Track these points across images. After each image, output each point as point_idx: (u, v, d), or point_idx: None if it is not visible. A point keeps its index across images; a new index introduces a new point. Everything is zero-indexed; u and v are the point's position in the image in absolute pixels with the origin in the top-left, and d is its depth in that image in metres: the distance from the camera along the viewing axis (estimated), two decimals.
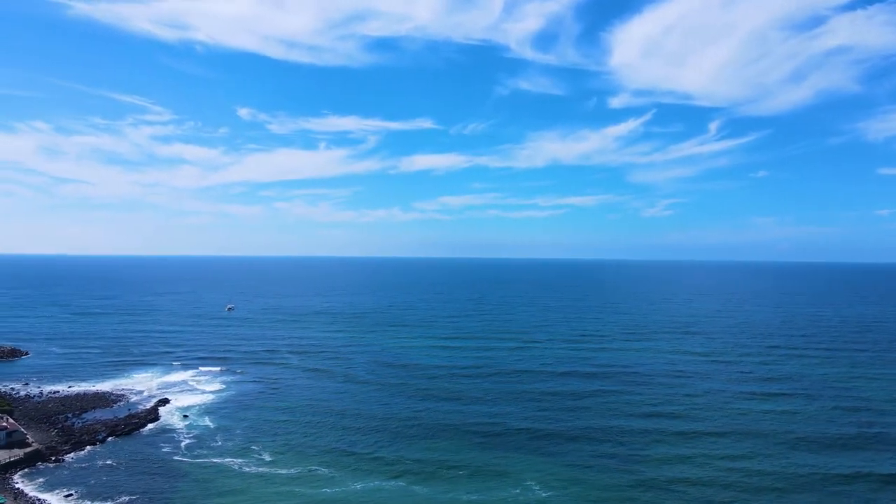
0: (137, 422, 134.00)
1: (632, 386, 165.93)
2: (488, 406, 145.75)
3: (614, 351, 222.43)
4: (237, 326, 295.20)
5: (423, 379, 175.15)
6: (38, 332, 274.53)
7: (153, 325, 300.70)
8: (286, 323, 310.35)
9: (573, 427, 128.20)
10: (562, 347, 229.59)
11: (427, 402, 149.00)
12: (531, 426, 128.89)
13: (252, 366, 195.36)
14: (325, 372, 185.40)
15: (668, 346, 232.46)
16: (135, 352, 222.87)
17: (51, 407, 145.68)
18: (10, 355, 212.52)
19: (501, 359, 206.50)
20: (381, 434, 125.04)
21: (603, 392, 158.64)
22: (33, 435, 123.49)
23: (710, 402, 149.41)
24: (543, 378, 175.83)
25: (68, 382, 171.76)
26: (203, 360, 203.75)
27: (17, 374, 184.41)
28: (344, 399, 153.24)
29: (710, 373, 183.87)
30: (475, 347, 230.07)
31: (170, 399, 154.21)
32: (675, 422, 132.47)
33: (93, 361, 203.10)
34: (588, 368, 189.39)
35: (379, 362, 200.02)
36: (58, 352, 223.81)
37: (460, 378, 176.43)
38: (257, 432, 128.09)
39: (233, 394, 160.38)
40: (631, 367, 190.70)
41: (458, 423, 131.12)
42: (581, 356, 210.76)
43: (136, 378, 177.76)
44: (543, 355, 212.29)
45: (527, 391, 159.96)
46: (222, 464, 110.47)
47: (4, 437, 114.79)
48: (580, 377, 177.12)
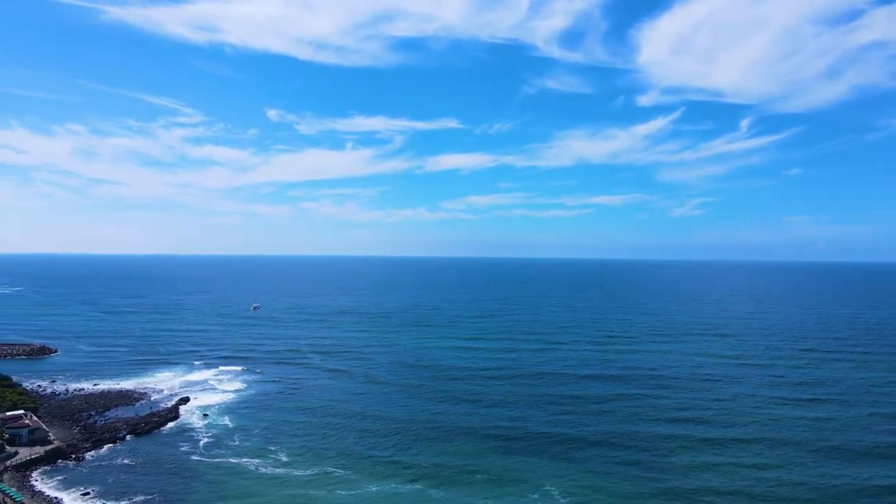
0: (158, 420, 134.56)
1: (658, 389, 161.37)
2: (509, 409, 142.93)
3: (640, 353, 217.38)
4: (261, 326, 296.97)
5: (444, 380, 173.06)
6: (69, 330, 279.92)
7: (179, 323, 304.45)
8: (310, 322, 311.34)
9: (596, 432, 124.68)
10: (586, 349, 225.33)
11: (447, 405, 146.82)
12: (552, 430, 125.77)
13: (274, 365, 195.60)
14: (346, 372, 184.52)
15: (697, 349, 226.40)
16: (160, 350, 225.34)
17: (75, 404, 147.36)
18: (39, 353, 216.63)
19: (524, 360, 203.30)
20: (400, 437, 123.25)
21: (627, 396, 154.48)
22: (56, 432, 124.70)
23: (739, 407, 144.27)
24: (566, 380, 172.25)
25: (93, 380, 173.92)
26: (225, 360, 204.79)
27: (46, 371, 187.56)
28: (363, 400, 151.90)
29: (740, 376, 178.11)
30: (498, 349, 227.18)
31: (191, 398, 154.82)
32: (702, 428, 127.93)
33: (119, 359, 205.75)
34: (612, 371, 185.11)
35: (401, 363, 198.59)
36: (86, 350, 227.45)
37: (481, 380, 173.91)
38: (275, 432, 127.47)
39: (253, 393, 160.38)
40: (657, 370, 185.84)
41: (477, 427, 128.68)
42: (606, 358, 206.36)
43: (160, 376, 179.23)
44: (567, 357, 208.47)
45: (549, 394, 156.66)
46: (239, 464, 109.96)
47: (26, 434, 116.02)
48: (604, 380, 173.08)
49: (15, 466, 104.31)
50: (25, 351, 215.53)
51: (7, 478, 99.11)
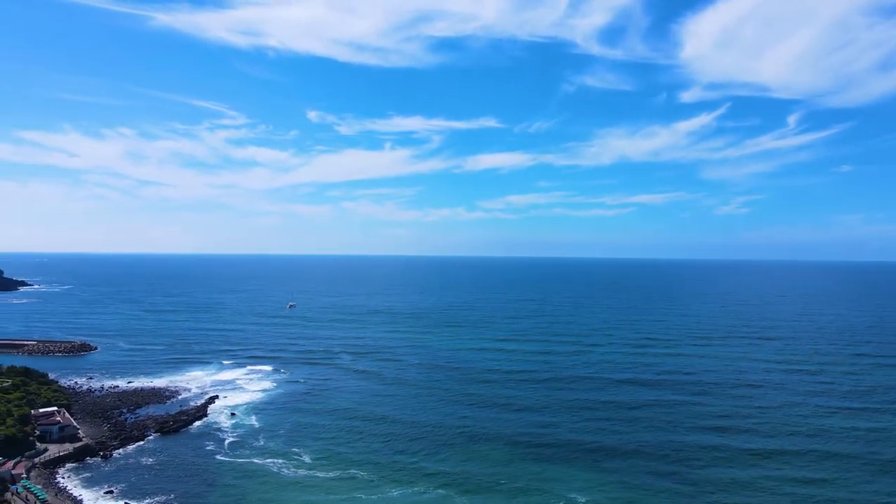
0: (186, 419, 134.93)
1: (697, 396, 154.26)
2: (539, 414, 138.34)
3: (679, 357, 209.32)
4: (295, 325, 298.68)
5: (474, 383, 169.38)
6: (110, 328, 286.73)
7: (216, 322, 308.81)
8: (344, 322, 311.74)
9: (629, 440, 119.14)
10: (623, 352, 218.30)
11: (475, 409, 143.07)
12: (583, 438, 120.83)
13: (304, 365, 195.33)
14: (376, 374, 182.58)
15: (740, 353, 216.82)
16: (195, 349, 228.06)
17: (108, 402, 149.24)
18: (80, 350, 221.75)
19: (558, 363, 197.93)
20: (426, 441, 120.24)
21: (664, 402, 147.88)
22: (86, 429, 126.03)
23: (784, 416, 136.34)
24: (600, 385, 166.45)
25: (128, 378, 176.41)
26: (257, 359, 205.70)
27: (84, 368, 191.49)
28: (391, 403, 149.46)
29: (787, 383, 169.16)
30: (531, 351, 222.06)
31: (220, 397, 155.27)
32: (744, 438, 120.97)
33: (154, 358, 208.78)
34: (649, 376, 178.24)
35: (431, 365, 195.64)
36: (124, 347, 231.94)
37: (513, 383, 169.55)
38: (301, 433, 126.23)
39: (281, 393, 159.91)
40: (697, 376, 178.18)
41: (505, 432, 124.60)
42: (643, 362, 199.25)
43: (191, 375, 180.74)
44: (602, 360, 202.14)
45: (582, 399, 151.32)
46: (262, 465, 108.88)
47: (57, 431, 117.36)
48: (640, 385, 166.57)
49: (43, 463, 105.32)
50: (66, 348, 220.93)
51: (35, 474, 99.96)
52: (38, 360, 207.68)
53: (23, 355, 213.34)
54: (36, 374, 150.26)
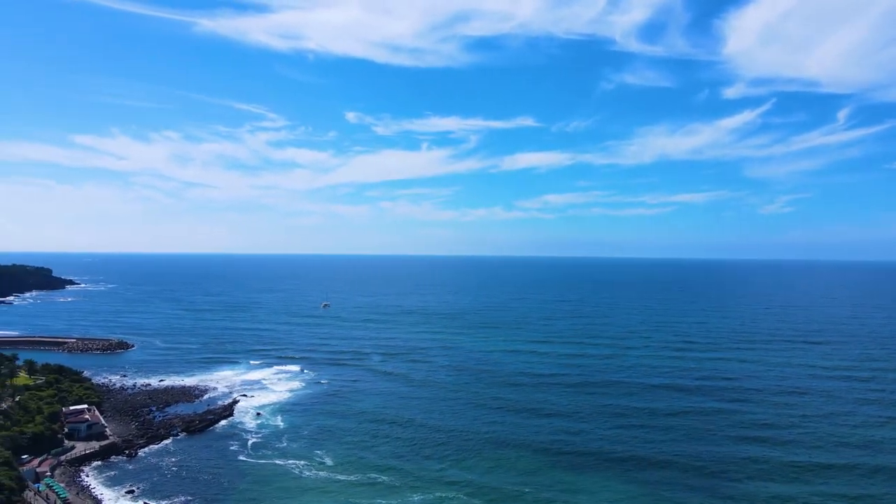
0: (212, 418, 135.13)
1: (737, 403, 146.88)
2: (569, 420, 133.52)
3: (719, 361, 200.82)
4: (328, 325, 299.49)
5: (504, 387, 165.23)
6: (148, 326, 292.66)
7: (250, 322, 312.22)
8: (376, 322, 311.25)
9: (663, 450, 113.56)
10: (660, 356, 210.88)
11: (503, 414, 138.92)
12: (615, 447, 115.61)
13: (333, 366, 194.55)
14: (404, 376, 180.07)
15: (784, 357, 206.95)
16: (227, 348, 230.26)
17: (138, 400, 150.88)
18: (117, 348, 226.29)
19: (591, 367, 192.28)
20: (451, 447, 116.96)
21: (702, 410, 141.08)
22: (115, 427, 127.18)
23: (831, 426, 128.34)
24: (635, 390, 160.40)
25: (160, 376, 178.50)
26: (287, 359, 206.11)
27: (119, 366, 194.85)
28: (417, 406, 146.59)
29: (834, 391, 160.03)
30: (565, 353, 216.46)
31: (247, 396, 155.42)
32: (787, 450, 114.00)
33: (188, 356, 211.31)
34: (687, 381, 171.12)
35: (461, 367, 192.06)
36: (160, 346, 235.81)
37: (544, 387, 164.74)
38: (324, 435, 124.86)
39: (309, 394, 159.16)
40: (738, 381, 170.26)
41: (533, 439, 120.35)
42: (681, 366, 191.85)
43: (222, 374, 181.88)
44: (638, 364, 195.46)
45: (614, 405, 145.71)
46: (284, 466, 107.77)
47: (85, 429, 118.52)
48: (677, 391, 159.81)
49: (69, 461, 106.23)
50: (104, 346, 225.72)
51: (59, 472, 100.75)
52: (77, 357, 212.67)
53: (63, 352, 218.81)
54: (70, 372, 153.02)
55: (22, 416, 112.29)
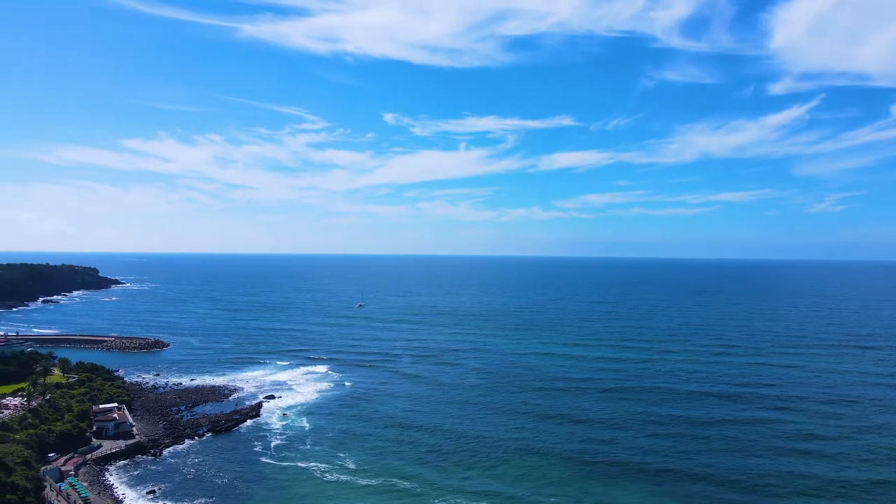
0: (239, 418, 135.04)
1: (780, 412, 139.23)
2: (601, 428, 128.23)
3: (762, 366, 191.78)
4: (361, 325, 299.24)
5: (534, 392, 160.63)
6: (185, 325, 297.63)
7: (285, 322, 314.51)
8: (409, 323, 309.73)
9: (699, 462, 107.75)
10: (699, 360, 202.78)
11: (532, 421, 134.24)
12: (648, 458, 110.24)
13: (363, 368, 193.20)
14: (434, 379, 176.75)
15: (832, 364, 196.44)
16: (260, 348, 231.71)
17: (168, 399, 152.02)
18: (153, 346, 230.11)
19: (626, 371, 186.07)
20: (477, 453, 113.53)
21: (742, 419, 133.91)
22: (142, 426, 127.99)
23: (882, 439, 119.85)
24: (671, 397, 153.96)
25: (191, 375, 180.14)
26: (317, 360, 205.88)
27: (154, 364, 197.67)
28: (445, 411, 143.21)
29: (888, 399, 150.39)
30: (599, 357, 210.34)
31: (275, 396, 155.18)
32: (835, 464, 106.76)
33: (220, 356, 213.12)
34: (727, 388, 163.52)
35: (492, 371, 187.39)
36: (195, 345, 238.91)
37: (575, 392, 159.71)
38: (348, 437, 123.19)
39: (336, 395, 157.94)
40: (781, 389, 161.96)
41: (563, 448, 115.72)
42: (721, 372, 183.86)
43: (252, 374, 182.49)
44: (676, 369, 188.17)
45: (649, 412, 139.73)
46: (305, 469, 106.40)
47: (112, 427, 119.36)
48: (716, 398, 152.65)
49: (95, 460, 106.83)
50: (141, 345, 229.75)
51: (84, 471, 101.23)
52: (115, 355, 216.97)
53: (101, 350, 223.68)
54: (102, 371, 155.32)
55: (51, 414, 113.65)
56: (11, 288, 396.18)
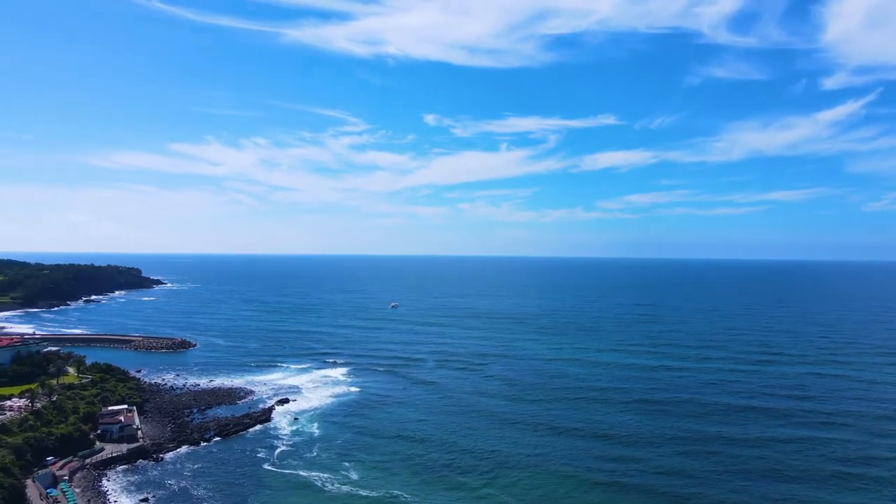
0: (248, 422, 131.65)
1: (826, 430, 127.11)
2: (625, 445, 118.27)
3: (810, 377, 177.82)
4: (389, 328, 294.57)
5: (558, 402, 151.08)
6: (216, 326, 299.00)
7: (314, 323, 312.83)
8: (440, 325, 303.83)
9: (731, 488, 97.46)
10: (740, 369, 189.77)
11: (551, 436, 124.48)
12: (676, 482, 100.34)
13: (383, 372, 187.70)
14: (455, 386, 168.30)
15: (888, 375, 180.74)
16: (285, 349, 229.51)
17: (183, 400, 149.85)
18: (180, 346, 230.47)
19: (659, 380, 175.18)
20: (487, 471, 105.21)
21: (785, 438, 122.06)
22: (150, 429, 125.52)
23: None
24: (706, 411, 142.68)
25: (211, 376, 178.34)
26: (340, 363, 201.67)
27: (176, 365, 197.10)
28: (461, 420, 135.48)
29: None
30: (633, 364, 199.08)
31: (289, 400, 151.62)
32: (888, 492, 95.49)
33: (244, 357, 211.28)
34: (767, 401, 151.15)
35: (516, 379, 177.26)
36: (221, 345, 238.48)
37: (604, 404, 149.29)
38: (356, 446, 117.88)
39: (351, 400, 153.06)
40: (829, 402, 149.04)
41: (581, 465, 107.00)
42: (762, 383, 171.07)
43: (271, 376, 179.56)
44: (714, 379, 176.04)
45: (681, 428, 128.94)
46: (306, 478, 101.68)
47: (117, 430, 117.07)
48: (755, 413, 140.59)
49: (95, 464, 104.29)
50: (168, 345, 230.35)
51: (80, 476, 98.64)
52: (141, 355, 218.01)
53: (129, 350, 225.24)
54: (117, 371, 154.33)
55: (55, 416, 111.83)
56: (55, 288, 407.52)
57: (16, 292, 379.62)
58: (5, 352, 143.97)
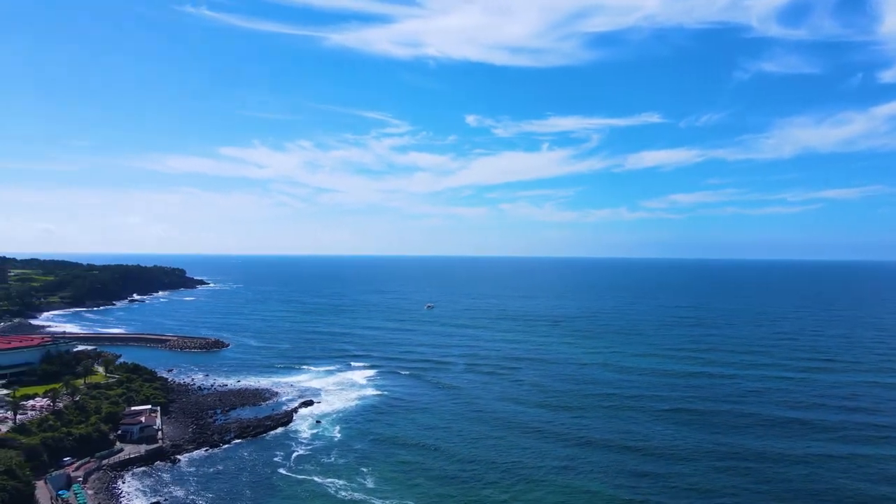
0: (270, 424, 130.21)
1: (878, 446, 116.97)
2: (660, 460, 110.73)
3: (865, 386, 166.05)
4: (422, 331, 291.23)
5: (590, 411, 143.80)
6: (251, 326, 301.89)
7: (348, 324, 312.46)
8: (474, 327, 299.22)
9: None
10: (787, 377, 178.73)
11: (581, 448, 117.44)
12: (709, 502, 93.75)
13: (411, 375, 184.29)
14: (481, 393, 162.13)
15: None
16: (316, 349, 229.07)
17: (208, 401, 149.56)
18: (213, 346, 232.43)
19: (699, 388, 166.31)
20: (509, 485, 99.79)
21: (834, 455, 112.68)
22: (172, 430, 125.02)
23: None
24: (747, 423, 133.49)
25: (239, 377, 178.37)
26: (369, 366, 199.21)
27: (207, 364, 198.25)
28: (485, 429, 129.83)
29: None
30: (671, 371, 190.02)
31: (313, 402, 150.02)
32: None
33: (273, 358, 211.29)
34: (817, 413, 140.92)
35: (547, 386, 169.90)
36: (254, 345, 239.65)
37: (638, 413, 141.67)
38: (375, 452, 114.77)
39: (376, 404, 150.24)
40: (883, 415, 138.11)
41: (610, 482, 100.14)
42: (810, 392, 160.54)
43: (298, 377, 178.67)
44: (758, 388, 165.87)
45: (719, 442, 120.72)
46: (321, 485, 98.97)
47: (137, 431, 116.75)
48: (803, 426, 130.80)
49: (112, 465, 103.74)
50: (201, 345, 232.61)
51: (96, 477, 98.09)
52: (175, 354, 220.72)
53: (164, 349, 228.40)
54: (144, 371, 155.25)
55: (76, 416, 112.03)
56: (102, 288, 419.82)
57: (65, 292, 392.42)
58: (35, 351, 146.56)
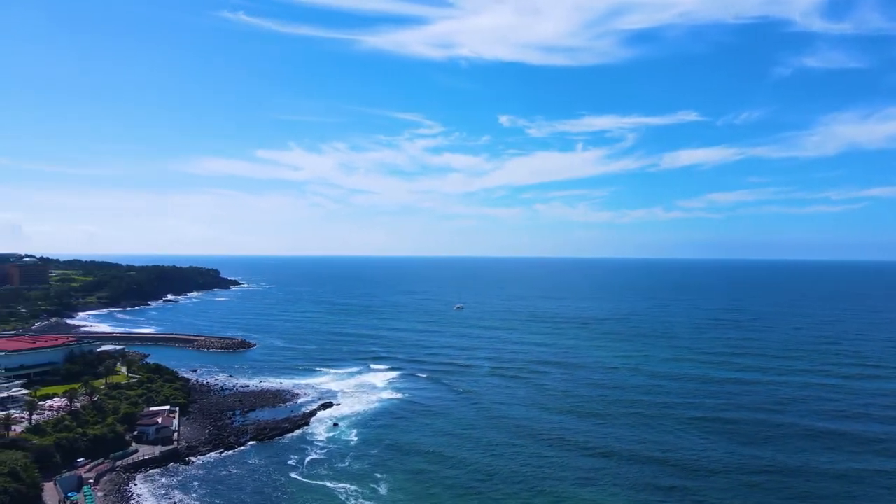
0: (287, 426, 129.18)
1: None
2: (682, 473, 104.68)
3: None
4: (449, 333, 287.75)
5: (614, 418, 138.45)
6: (280, 326, 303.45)
7: (376, 325, 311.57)
8: (501, 329, 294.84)
9: None
10: (825, 384, 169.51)
11: (603, 460, 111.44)
12: None
13: (434, 378, 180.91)
14: (503, 398, 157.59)
15: None
16: (341, 350, 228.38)
17: (228, 402, 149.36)
18: (238, 347, 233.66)
19: (732, 395, 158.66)
20: (526, 491, 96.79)
21: (879, 471, 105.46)
22: (188, 431, 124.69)
23: None
24: (781, 434, 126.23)
25: (262, 377, 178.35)
26: (392, 367, 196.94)
27: (231, 365, 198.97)
28: (505, 436, 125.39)
29: None
30: (704, 376, 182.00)
31: (333, 404, 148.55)
32: None
33: (297, 359, 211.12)
34: (859, 424, 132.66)
35: (572, 391, 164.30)
36: (279, 346, 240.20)
37: (664, 420, 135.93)
38: (391, 457, 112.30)
39: (395, 407, 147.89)
40: None
41: (627, 497, 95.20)
42: (854, 402, 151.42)
43: (320, 379, 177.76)
44: (796, 396, 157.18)
45: (752, 456, 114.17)
46: (332, 490, 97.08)
47: (153, 432, 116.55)
48: (843, 440, 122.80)
49: (126, 466, 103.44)
50: (227, 345, 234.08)
51: (108, 479, 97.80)
52: (201, 354, 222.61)
53: (191, 349, 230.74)
54: (165, 371, 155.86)
55: (92, 416, 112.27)
56: (138, 288, 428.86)
57: (102, 292, 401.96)
58: (59, 351, 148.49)
